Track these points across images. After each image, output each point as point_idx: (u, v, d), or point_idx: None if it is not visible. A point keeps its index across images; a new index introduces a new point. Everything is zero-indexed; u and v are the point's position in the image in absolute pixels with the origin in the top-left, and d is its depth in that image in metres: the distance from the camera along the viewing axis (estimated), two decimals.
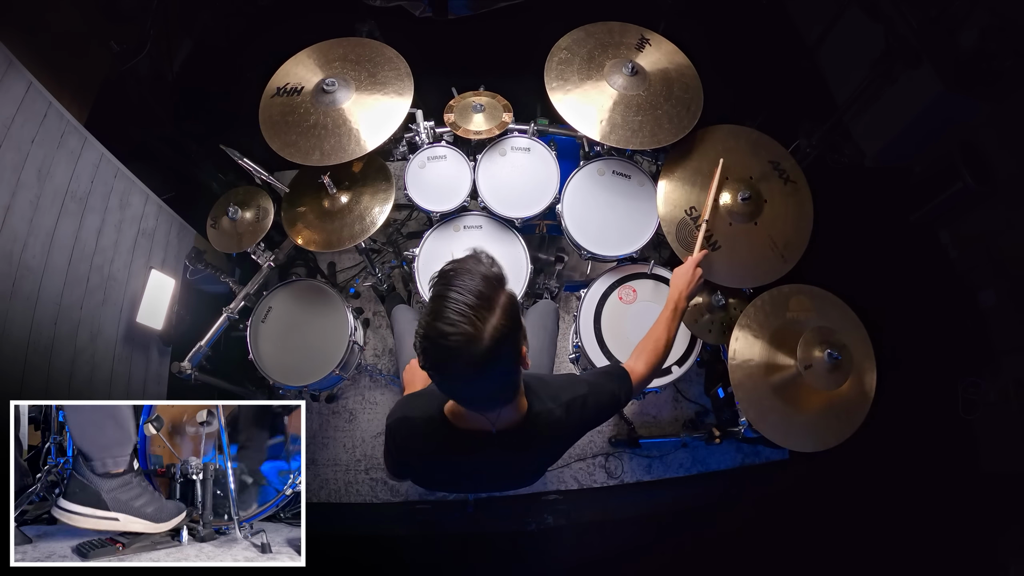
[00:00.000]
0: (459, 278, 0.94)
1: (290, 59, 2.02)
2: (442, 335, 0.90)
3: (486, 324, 0.92)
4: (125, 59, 2.05)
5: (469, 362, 0.92)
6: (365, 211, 1.99)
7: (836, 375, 1.64)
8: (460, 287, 0.93)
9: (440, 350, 0.92)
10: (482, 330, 0.91)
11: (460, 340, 0.90)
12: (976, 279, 2.71)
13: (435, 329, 0.91)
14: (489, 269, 0.98)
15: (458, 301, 0.91)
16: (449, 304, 0.91)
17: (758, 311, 1.80)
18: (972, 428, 2.52)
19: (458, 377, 0.97)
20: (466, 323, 0.90)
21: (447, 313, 0.91)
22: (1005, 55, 2.27)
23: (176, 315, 2.29)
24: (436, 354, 0.93)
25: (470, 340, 0.91)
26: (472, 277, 0.94)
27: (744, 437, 2.11)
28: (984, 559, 2.29)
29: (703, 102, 1.91)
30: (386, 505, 2.39)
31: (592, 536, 2.34)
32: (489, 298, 0.94)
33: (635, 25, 2.05)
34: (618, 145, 1.88)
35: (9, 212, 1.70)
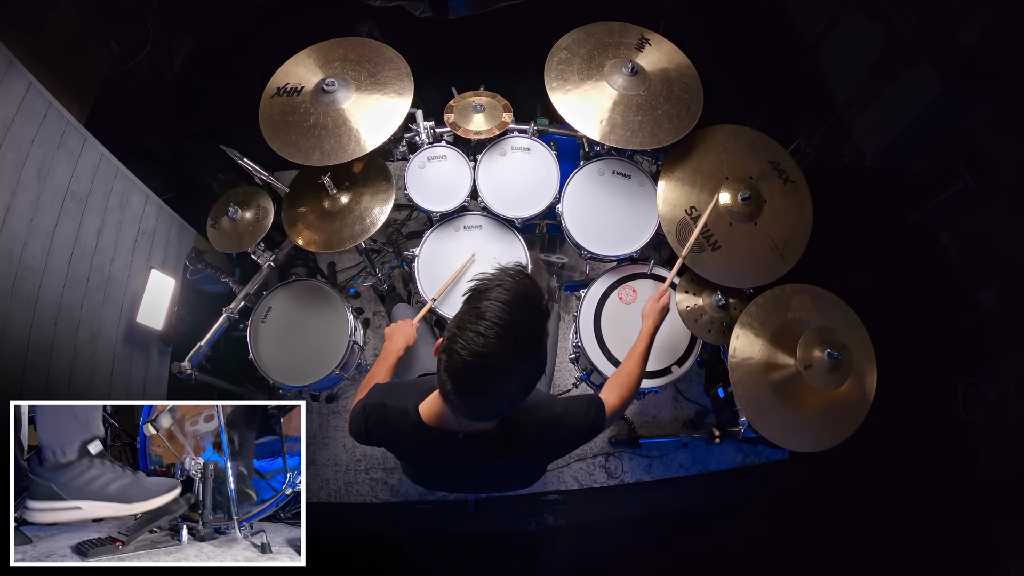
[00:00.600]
0: (516, 297, 0.90)
1: (290, 59, 2.02)
2: (481, 362, 0.88)
3: (528, 361, 0.92)
4: (125, 59, 2.05)
5: (498, 392, 0.92)
6: (365, 211, 1.99)
7: (836, 375, 1.64)
8: (515, 309, 0.89)
9: (471, 374, 0.90)
10: (523, 367, 0.91)
11: (499, 372, 0.89)
12: (976, 279, 2.71)
13: (475, 350, 0.88)
14: (542, 295, 0.95)
15: (508, 326, 0.88)
16: (499, 326, 0.88)
17: (759, 310, 1.80)
18: (972, 428, 2.52)
19: (475, 399, 0.95)
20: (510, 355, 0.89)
21: (493, 338, 0.87)
22: (1005, 55, 2.27)
23: (176, 315, 2.29)
24: (464, 375, 0.91)
25: (509, 374, 0.90)
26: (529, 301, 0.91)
27: (744, 437, 2.12)
28: (984, 559, 2.29)
29: (703, 102, 1.91)
30: (386, 505, 2.39)
31: (592, 536, 2.34)
32: (536, 332, 0.93)
33: (635, 25, 2.05)
34: (618, 145, 1.88)
35: (9, 212, 1.70)
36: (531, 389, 0.99)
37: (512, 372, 0.91)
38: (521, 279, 0.93)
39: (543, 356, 0.96)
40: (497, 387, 0.92)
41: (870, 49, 2.31)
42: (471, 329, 0.88)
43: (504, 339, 0.88)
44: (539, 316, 0.93)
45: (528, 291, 0.92)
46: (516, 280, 0.92)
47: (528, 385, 0.97)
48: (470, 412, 1.01)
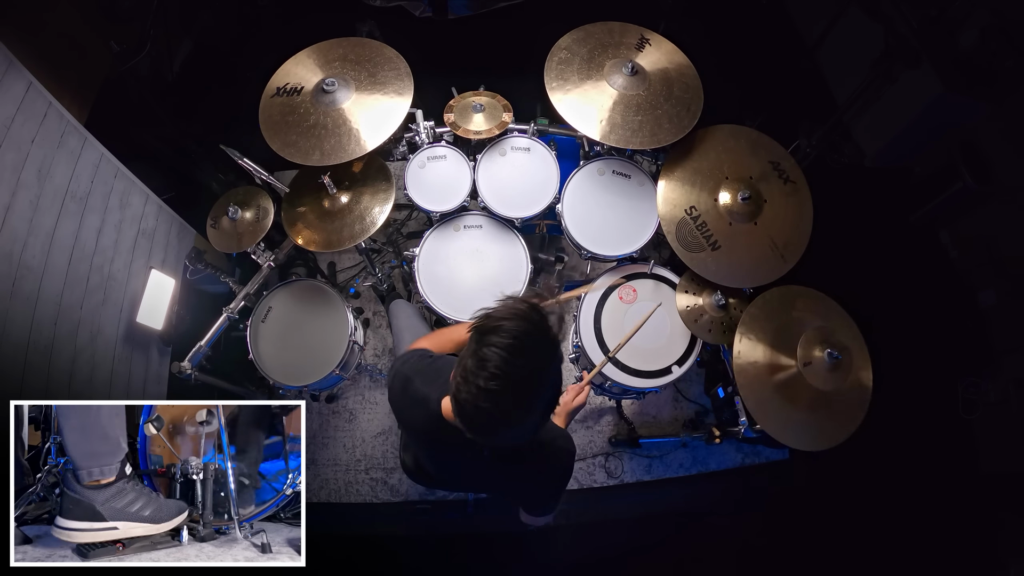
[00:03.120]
0: (521, 345, 0.87)
1: (290, 59, 2.02)
2: (487, 412, 0.87)
3: (536, 406, 0.90)
4: (125, 59, 2.05)
5: (503, 437, 0.92)
6: (365, 211, 1.99)
7: (836, 375, 1.64)
8: (519, 358, 0.86)
9: (481, 421, 0.90)
10: (527, 416, 0.90)
11: (506, 420, 0.89)
12: (976, 279, 2.71)
13: (479, 401, 0.87)
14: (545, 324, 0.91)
15: (512, 377, 0.86)
16: (502, 377, 0.85)
17: (760, 311, 1.80)
18: (972, 428, 2.52)
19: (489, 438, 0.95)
20: (516, 406, 0.88)
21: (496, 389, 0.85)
22: (1005, 55, 2.27)
23: (176, 315, 2.29)
24: (475, 420, 0.91)
25: (517, 421, 0.90)
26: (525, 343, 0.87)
27: (744, 437, 2.11)
28: (984, 559, 2.29)
29: (703, 102, 1.91)
30: (386, 505, 2.39)
31: (592, 536, 2.34)
32: (543, 376, 0.91)
33: (635, 25, 2.05)
34: (618, 145, 1.88)
35: (9, 212, 1.70)
36: (547, 419, 0.98)
37: (523, 415, 0.90)
38: (528, 319, 0.89)
39: (555, 392, 0.94)
40: (508, 429, 0.91)
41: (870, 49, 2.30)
42: (474, 381, 0.87)
43: (509, 390, 0.86)
44: (547, 360, 0.91)
45: (535, 332, 0.89)
46: (522, 321, 0.89)
47: (543, 417, 0.96)
48: (487, 443, 1.01)
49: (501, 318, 0.89)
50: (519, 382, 0.87)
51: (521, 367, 0.87)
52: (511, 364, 0.86)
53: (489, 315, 0.90)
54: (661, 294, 2.01)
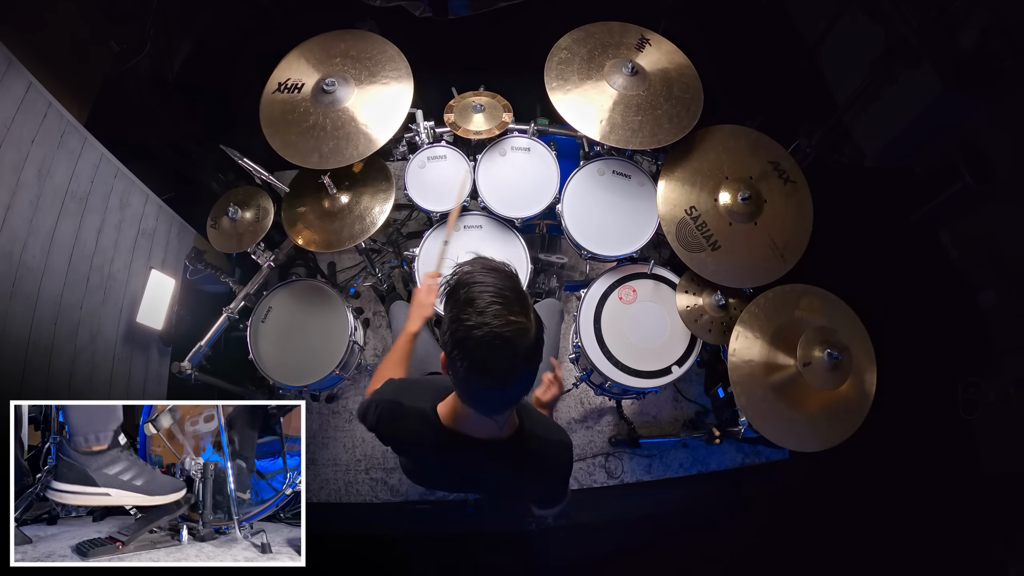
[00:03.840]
0: (488, 277, 0.93)
1: (291, 52, 2.00)
2: (496, 331, 0.89)
3: (531, 315, 0.94)
4: (125, 59, 2.05)
5: (522, 355, 0.91)
6: (365, 211, 1.99)
7: (836, 375, 1.64)
8: (494, 285, 0.92)
9: (493, 347, 0.90)
10: (530, 321, 0.92)
11: (516, 331, 0.90)
12: (976, 279, 2.71)
13: (487, 326, 0.89)
14: (505, 267, 0.98)
15: (500, 297, 0.91)
16: (493, 301, 0.90)
17: (760, 309, 1.80)
18: (972, 428, 2.52)
19: (499, 375, 0.94)
20: (516, 316, 0.90)
21: (492, 308, 0.89)
22: (1005, 55, 2.27)
23: (176, 315, 2.29)
24: (487, 351, 0.90)
25: (524, 331, 0.91)
26: (499, 276, 0.94)
27: (744, 437, 2.11)
28: (984, 559, 2.29)
29: (703, 102, 1.91)
30: (386, 505, 2.39)
31: (592, 536, 2.34)
32: (521, 292, 0.96)
33: (635, 25, 2.05)
34: (618, 145, 1.88)
35: (9, 212, 1.70)
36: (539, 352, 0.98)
37: (527, 328, 0.92)
38: (477, 261, 0.98)
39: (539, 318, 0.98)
40: (520, 350, 0.92)
41: (870, 49, 2.31)
42: (473, 314, 0.90)
43: (504, 303, 0.90)
44: (513, 278, 0.98)
45: (492, 264, 0.97)
46: (478, 262, 0.98)
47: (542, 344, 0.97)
48: (491, 400, 1.02)
49: (462, 271, 0.96)
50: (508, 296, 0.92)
51: (502, 285, 0.93)
52: (494, 287, 0.92)
53: (451, 279, 0.96)
54: (661, 294, 2.01)
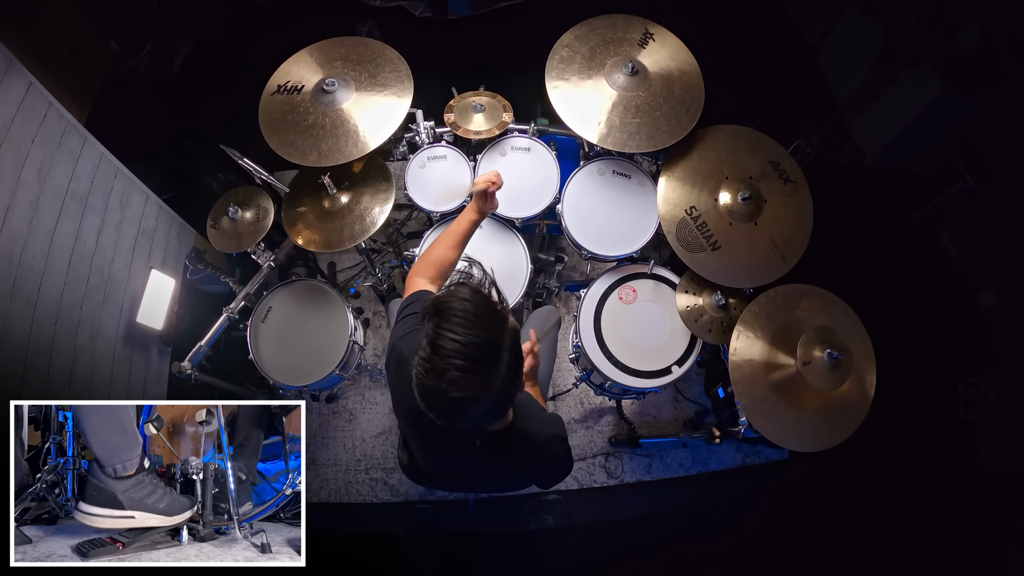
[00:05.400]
0: (459, 323, 0.87)
1: (291, 57, 2.01)
2: (447, 395, 0.87)
3: (494, 378, 0.89)
4: (125, 59, 2.05)
5: (475, 413, 0.91)
6: (365, 211, 1.99)
7: (835, 375, 1.64)
8: (461, 337, 0.86)
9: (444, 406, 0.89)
10: (489, 387, 0.89)
11: (470, 400, 0.88)
12: (976, 279, 2.70)
13: (440, 389, 0.87)
14: (489, 301, 0.92)
15: (461, 356, 0.86)
16: (452, 361, 0.86)
17: (760, 310, 1.80)
18: (972, 428, 2.52)
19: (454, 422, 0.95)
20: (475, 382, 0.87)
21: (450, 372, 0.85)
22: (1005, 55, 2.27)
23: (176, 315, 2.29)
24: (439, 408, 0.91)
25: (476, 400, 0.88)
26: (473, 321, 0.88)
27: (744, 437, 2.11)
28: (984, 559, 2.29)
29: (703, 103, 1.91)
30: (386, 505, 2.39)
31: (592, 536, 2.34)
32: (494, 346, 0.89)
33: (639, 18, 2.02)
34: (616, 148, 1.88)
35: (9, 212, 1.70)
36: (515, 389, 0.98)
37: (483, 392, 0.89)
38: (469, 296, 0.92)
39: (515, 359, 0.94)
40: (472, 406, 0.90)
41: (870, 49, 2.30)
42: (433, 365, 0.88)
43: (464, 367, 0.87)
44: (498, 328, 0.92)
45: (479, 304, 0.91)
46: (463, 299, 0.91)
47: (509, 390, 0.95)
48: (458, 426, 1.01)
49: (444, 300, 0.92)
50: (477, 355, 0.88)
51: (475, 339, 0.88)
52: (465, 339, 0.87)
53: (434, 300, 0.93)
54: (661, 294, 2.01)
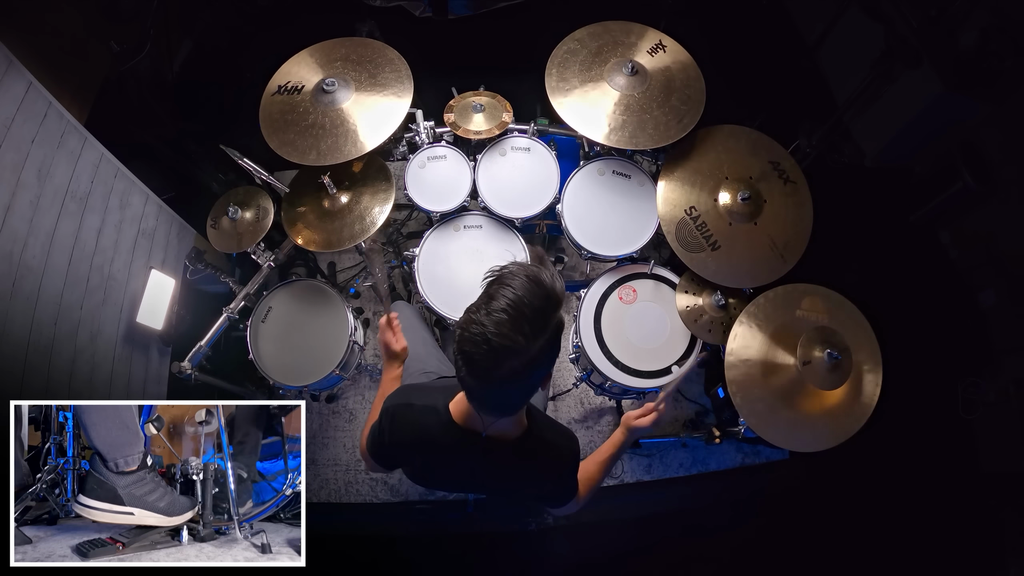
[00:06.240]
0: (522, 287, 0.91)
1: (292, 58, 2.02)
2: (488, 337, 0.89)
3: (536, 341, 0.91)
4: (125, 59, 2.05)
5: (505, 369, 0.91)
6: (365, 211, 1.99)
7: (835, 375, 1.64)
8: (519, 297, 0.90)
9: (478, 347, 0.91)
10: (531, 347, 0.90)
11: (506, 347, 0.89)
12: (976, 279, 2.70)
13: (484, 328, 0.89)
14: (554, 286, 0.95)
15: (515, 310, 0.89)
16: (506, 310, 0.89)
17: (760, 310, 1.80)
18: (972, 428, 2.52)
19: (481, 373, 0.95)
20: (517, 334, 0.89)
21: (499, 316, 0.89)
22: (1005, 55, 2.27)
23: (176, 315, 2.29)
24: (472, 347, 0.92)
25: (515, 351, 0.90)
26: (532, 290, 0.92)
27: (744, 437, 2.12)
28: (984, 559, 2.29)
29: (704, 103, 1.91)
30: (386, 505, 2.39)
31: (592, 536, 2.34)
32: (547, 316, 0.93)
33: (655, 30, 2.02)
34: (618, 146, 1.88)
35: (9, 212, 1.70)
36: (542, 376, 0.99)
37: (520, 350, 0.91)
38: (532, 269, 0.96)
39: (555, 341, 0.97)
40: (505, 363, 0.91)
41: (870, 49, 2.30)
42: (483, 311, 0.91)
43: (513, 317, 0.90)
44: (549, 301, 0.94)
45: (539, 277, 0.94)
46: (527, 269, 0.95)
47: (540, 368, 0.97)
48: (483, 398, 1.03)
49: (506, 271, 0.95)
50: (523, 311, 0.90)
51: (525, 299, 0.91)
52: (517, 296, 0.90)
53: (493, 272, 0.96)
54: (661, 294, 2.01)
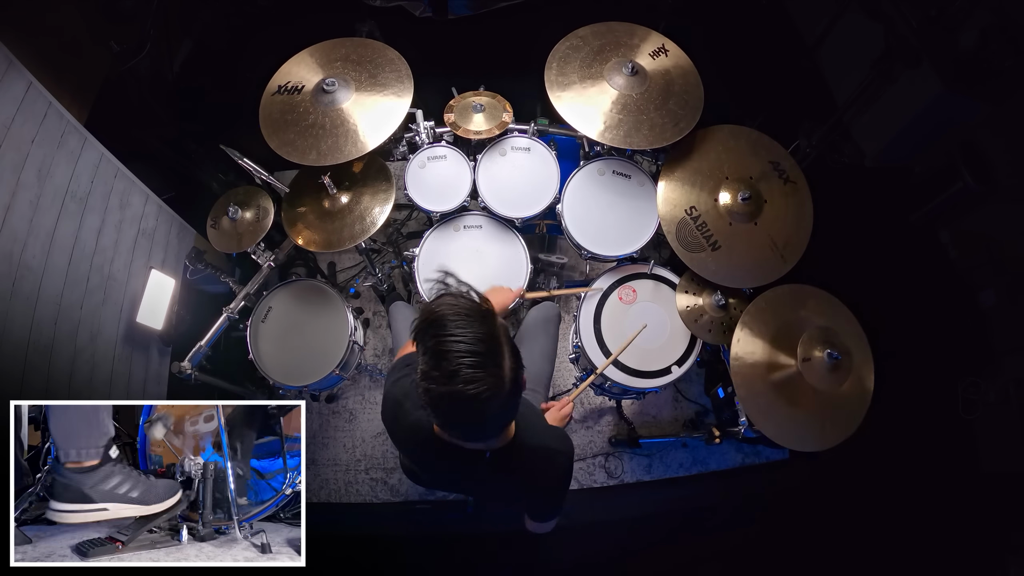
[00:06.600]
0: (455, 326, 0.88)
1: (292, 58, 2.01)
2: (465, 394, 0.86)
3: (503, 367, 0.89)
4: (125, 59, 2.05)
5: (495, 409, 0.89)
6: (365, 211, 1.99)
7: (835, 375, 1.64)
8: (462, 337, 0.87)
9: (465, 409, 0.88)
10: (502, 376, 0.88)
11: (487, 392, 0.87)
12: (976, 279, 2.70)
13: (457, 390, 0.85)
14: (474, 302, 0.92)
15: (472, 354, 0.86)
16: (463, 359, 0.86)
17: (760, 310, 1.80)
18: (972, 428, 2.52)
19: (473, 427, 0.94)
20: (488, 373, 0.86)
21: (463, 370, 0.85)
22: (1005, 55, 2.27)
23: (176, 315, 2.29)
24: (459, 413, 0.89)
25: (496, 389, 0.88)
26: (468, 321, 0.88)
27: (744, 437, 2.11)
28: (984, 559, 2.29)
29: (703, 103, 1.91)
30: (386, 505, 2.39)
31: (592, 536, 2.33)
32: (494, 337, 0.90)
33: (659, 34, 2.02)
34: (617, 145, 1.88)
35: (9, 212, 1.70)
36: (520, 391, 0.97)
37: (500, 383, 0.89)
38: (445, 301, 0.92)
39: (510, 342, 0.94)
40: (490, 402, 0.89)
41: (870, 49, 2.30)
42: (444, 377, 0.87)
43: (477, 363, 0.87)
44: (484, 315, 0.92)
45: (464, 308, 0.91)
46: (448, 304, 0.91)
47: (518, 383, 0.95)
48: (468, 436, 1.02)
49: (432, 310, 0.91)
50: (484, 349, 0.88)
51: (476, 335, 0.88)
52: (467, 336, 0.87)
53: (423, 314, 0.93)
54: (661, 294, 2.01)
